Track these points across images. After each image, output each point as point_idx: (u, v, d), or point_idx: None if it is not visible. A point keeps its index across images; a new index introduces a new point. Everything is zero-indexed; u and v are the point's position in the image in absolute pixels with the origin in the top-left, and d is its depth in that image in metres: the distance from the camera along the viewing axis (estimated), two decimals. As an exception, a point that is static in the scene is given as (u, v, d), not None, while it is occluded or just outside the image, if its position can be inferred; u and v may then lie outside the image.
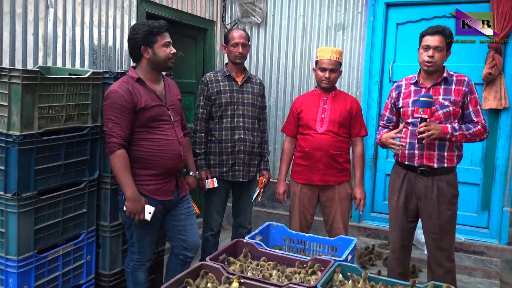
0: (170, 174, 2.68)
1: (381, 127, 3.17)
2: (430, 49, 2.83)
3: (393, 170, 3.12)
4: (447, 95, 2.86)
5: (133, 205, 2.50)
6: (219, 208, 3.38)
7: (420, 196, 2.93)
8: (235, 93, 3.33)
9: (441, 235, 2.92)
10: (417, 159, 2.90)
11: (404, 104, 2.97)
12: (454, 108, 2.84)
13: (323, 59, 3.19)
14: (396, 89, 3.07)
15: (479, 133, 2.85)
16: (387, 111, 3.13)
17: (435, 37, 2.83)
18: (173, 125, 2.68)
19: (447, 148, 2.87)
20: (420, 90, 2.93)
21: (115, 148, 2.47)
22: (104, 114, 2.53)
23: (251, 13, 4.85)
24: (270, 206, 4.91)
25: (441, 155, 2.87)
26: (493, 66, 3.90)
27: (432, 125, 2.72)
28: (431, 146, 2.86)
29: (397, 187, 3.03)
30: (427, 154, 2.87)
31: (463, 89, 2.86)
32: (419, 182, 2.92)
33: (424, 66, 2.88)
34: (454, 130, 2.79)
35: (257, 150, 3.45)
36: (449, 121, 2.85)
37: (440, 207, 2.89)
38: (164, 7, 4.13)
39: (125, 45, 3.70)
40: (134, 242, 2.69)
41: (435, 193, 2.88)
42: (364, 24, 4.47)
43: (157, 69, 2.64)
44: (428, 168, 2.89)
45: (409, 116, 2.93)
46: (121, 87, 2.49)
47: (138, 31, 2.54)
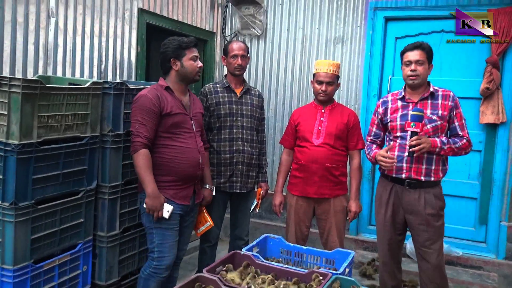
0: (188, 181, 2.81)
1: (369, 142, 3.20)
2: (411, 63, 2.90)
3: (380, 183, 3.15)
4: (434, 110, 2.91)
5: (152, 201, 2.61)
6: (216, 219, 3.36)
7: (408, 209, 2.95)
8: (234, 104, 3.34)
9: (431, 248, 2.92)
10: (405, 172, 2.92)
11: (392, 119, 3.01)
12: (441, 123, 2.89)
13: (320, 72, 3.20)
14: (383, 105, 3.10)
15: (464, 147, 2.91)
16: (374, 126, 3.17)
17: (414, 51, 2.90)
18: (194, 134, 2.83)
19: (435, 162, 2.90)
20: (408, 105, 2.97)
21: (139, 147, 2.60)
22: (132, 116, 2.67)
23: (251, 25, 4.88)
24: (268, 218, 4.90)
25: (429, 169, 2.90)
26: (490, 81, 3.92)
27: (423, 139, 2.77)
28: (420, 160, 2.89)
29: (384, 200, 3.04)
30: (415, 167, 2.90)
31: (449, 103, 2.91)
32: (406, 195, 2.94)
33: (408, 81, 2.93)
34: (442, 144, 2.84)
35: (255, 162, 3.45)
36: (437, 135, 2.89)
37: (428, 220, 2.91)
38: (164, 18, 4.15)
39: (126, 55, 3.72)
40: (154, 246, 2.73)
41: (422, 205, 2.90)
42: (363, 37, 4.50)
43: (185, 81, 2.83)
44: (415, 181, 2.91)
45: (397, 130, 2.96)
46: (150, 92, 2.67)
47: (169, 45, 2.75)
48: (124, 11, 3.69)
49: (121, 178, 2.94)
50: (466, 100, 3.94)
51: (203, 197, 3.05)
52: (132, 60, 3.81)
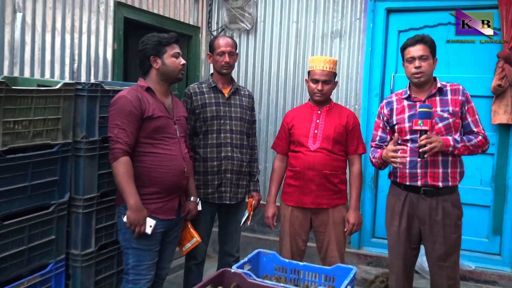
0: (173, 192, 2.80)
1: (374, 147, 3.15)
2: (415, 60, 2.89)
3: (391, 192, 3.13)
4: (444, 106, 2.91)
5: (135, 215, 2.58)
6: (203, 234, 3.35)
7: (424, 220, 2.94)
8: (222, 106, 3.34)
9: (447, 262, 2.92)
10: (420, 178, 2.91)
11: (399, 121, 3.00)
12: (454, 120, 2.89)
13: (315, 69, 3.21)
14: (387, 106, 3.10)
15: (481, 144, 2.90)
16: (378, 130, 3.14)
17: (417, 46, 2.90)
18: (178, 140, 2.84)
19: (451, 165, 2.90)
20: (415, 104, 2.96)
21: (119, 155, 2.58)
22: (110, 120, 2.64)
23: (239, 19, 4.89)
24: (261, 231, 4.89)
25: (446, 173, 2.89)
26: (503, 77, 3.94)
27: (433, 137, 2.75)
28: (435, 163, 2.88)
29: (397, 210, 3.02)
30: (431, 172, 2.89)
31: (459, 98, 2.92)
32: (422, 204, 2.93)
33: (413, 79, 2.93)
34: (456, 142, 2.83)
35: (246, 169, 3.45)
36: (450, 134, 2.89)
37: (446, 231, 2.90)
38: (144, 12, 4.15)
39: (101, 53, 3.72)
40: (129, 268, 2.72)
41: (440, 215, 2.89)
42: (363, 31, 4.52)
43: (167, 80, 2.83)
44: (432, 188, 2.90)
45: (406, 133, 2.96)
46: (130, 94, 2.66)
47: (148, 42, 2.76)
48: (99, 4, 3.68)
49: (96, 190, 2.92)
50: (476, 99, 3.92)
51: (188, 210, 3.05)
52: (108, 59, 3.80)
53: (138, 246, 2.69)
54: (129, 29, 4.31)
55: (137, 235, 2.63)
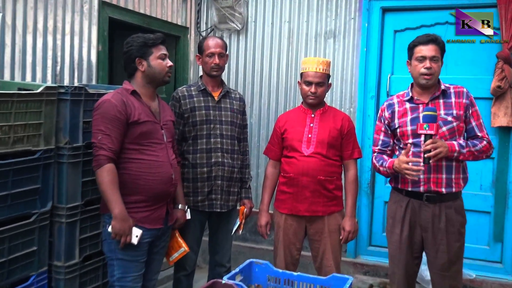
0: (160, 200, 2.80)
1: (377, 153, 3.15)
2: (426, 60, 2.87)
3: (392, 199, 3.13)
4: (448, 110, 2.91)
5: (120, 224, 2.57)
6: (193, 243, 3.34)
7: (426, 227, 2.94)
8: (212, 110, 3.34)
9: (450, 271, 2.92)
10: (423, 184, 2.91)
11: (401, 124, 3.00)
12: (458, 124, 2.90)
13: (308, 71, 3.21)
14: (388, 108, 3.10)
15: (485, 150, 2.91)
16: (380, 134, 3.14)
17: (429, 46, 2.88)
18: (165, 145, 2.83)
19: (455, 170, 2.90)
20: (417, 107, 2.97)
21: (103, 161, 2.57)
22: (94, 125, 2.64)
23: (229, 19, 4.90)
24: (253, 240, 4.88)
25: (449, 178, 2.89)
26: (502, 78, 3.96)
27: (439, 142, 2.75)
28: (439, 169, 2.88)
29: (399, 218, 3.02)
30: (434, 178, 2.89)
31: (463, 101, 2.92)
32: (424, 211, 2.93)
33: (422, 80, 2.91)
34: (461, 147, 2.84)
35: (237, 176, 3.45)
36: (454, 138, 2.90)
37: (449, 239, 2.90)
38: (130, 12, 4.14)
39: (85, 55, 3.70)
40: (114, 280, 2.71)
41: (443, 222, 2.89)
42: (357, 31, 4.54)
43: (153, 83, 2.83)
44: (435, 194, 2.90)
45: (409, 137, 2.95)
46: (114, 97, 2.65)
47: (133, 43, 2.76)
48: (83, 4, 3.67)
49: (80, 198, 2.90)
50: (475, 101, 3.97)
51: (176, 218, 3.04)
52: (92, 61, 3.79)
53: (123, 257, 2.68)
54: (114, 29, 4.30)
55: (122, 245, 2.62)
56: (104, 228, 2.71)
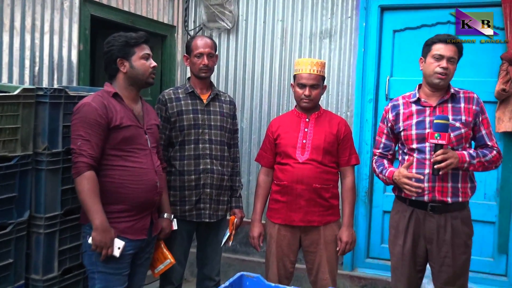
0: (144, 209, 2.78)
1: (378, 156, 3.18)
2: (443, 59, 2.87)
3: (395, 208, 3.13)
4: (457, 115, 2.91)
5: (101, 236, 2.56)
6: (180, 255, 3.33)
7: (431, 239, 2.94)
8: (200, 113, 3.34)
9: (455, 286, 2.92)
10: (427, 193, 2.91)
11: (405, 127, 3.00)
12: (466, 131, 2.90)
13: (302, 73, 3.22)
14: (393, 110, 3.10)
15: (495, 160, 2.93)
16: (382, 136, 3.16)
17: (449, 46, 2.88)
18: (149, 151, 2.82)
19: (461, 179, 2.90)
20: (424, 110, 2.97)
21: (83, 169, 2.55)
22: (73, 130, 2.62)
23: (219, 17, 4.90)
24: (244, 252, 4.87)
25: (455, 187, 2.89)
26: (507, 81, 3.99)
27: (450, 153, 2.75)
28: (444, 177, 2.87)
29: (402, 228, 3.02)
30: (440, 186, 2.89)
31: (473, 107, 2.93)
32: (429, 221, 2.93)
33: (435, 79, 2.90)
34: (471, 158, 2.84)
35: (227, 184, 3.44)
36: (461, 145, 2.90)
37: (455, 251, 2.90)
38: (113, 9, 4.14)
39: (65, 54, 3.69)
40: None
41: (449, 233, 2.89)
42: (355, 30, 4.56)
43: (136, 85, 2.82)
44: (440, 204, 2.90)
45: (413, 141, 2.96)
46: (95, 100, 2.63)
47: (114, 42, 2.74)
48: (63, 1, 3.67)
49: (60, 207, 2.89)
50: (479, 105, 4.02)
51: (161, 228, 3.03)
52: (73, 61, 3.78)
53: (105, 270, 2.66)
54: (96, 28, 4.29)
55: (104, 258, 2.60)
56: (85, 240, 2.69)
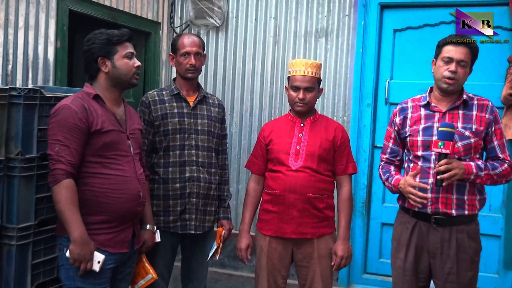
0: (126, 220, 2.77)
1: (384, 162, 3.20)
2: (452, 62, 2.86)
3: (398, 219, 3.14)
4: (467, 123, 2.91)
5: (80, 249, 2.53)
6: (163, 270, 3.33)
7: (435, 253, 2.94)
8: (186, 117, 3.34)
9: None
10: (430, 204, 2.91)
11: (412, 132, 3.01)
12: (476, 140, 2.89)
13: (296, 75, 3.23)
14: (401, 113, 3.12)
15: (506, 174, 2.91)
16: (390, 141, 3.18)
17: (460, 48, 2.88)
18: (132, 158, 2.82)
19: (468, 191, 2.90)
20: (433, 115, 2.98)
21: (61, 177, 2.52)
22: (50, 135, 2.60)
23: (207, 14, 4.91)
24: (232, 267, 4.87)
25: (461, 200, 2.89)
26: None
27: (454, 163, 2.75)
28: (449, 188, 2.87)
29: (404, 241, 3.03)
30: (444, 198, 2.89)
31: (486, 116, 2.92)
32: (433, 235, 2.94)
33: (443, 84, 2.90)
34: (479, 170, 2.83)
35: (214, 193, 3.44)
36: (469, 156, 2.90)
37: (460, 267, 2.90)
38: (93, 4, 4.14)
39: (41, 52, 3.68)
40: None
41: (453, 248, 2.90)
42: (353, 30, 4.58)
43: (118, 86, 2.81)
44: (444, 216, 2.91)
45: (419, 148, 2.96)
46: (74, 103, 2.61)
47: (95, 40, 2.73)
48: (39, -6, 3.67)
49: (33, 217, 2.87)
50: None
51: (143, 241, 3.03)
52: (49, 59, 3.77)
53: (83, 285, 2.64)
54: (75, 24, 4.28)
55: (82, 272, 2.58)
56: (61, 252, 2.67)
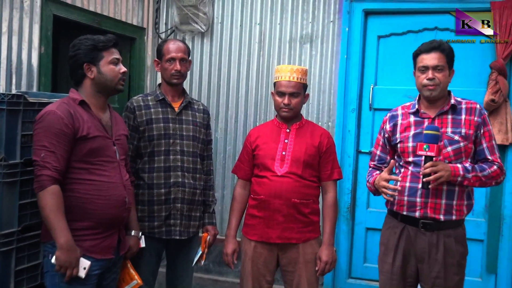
0: (111, 226, 2.77)
1: (372, 168, 3.22)
2: (428, 70, 2.89)
3: (386, 224, 3.15)
4: (456, 127, 2.92)
5: (66, 255, 2.52)
6: (148, 276, 3.31)
7: (422, 258, 2.95)
8: (171, 122, 3.33)
9: None
10: (419, 208, 2.92)
11: (402, 139, 3.02)
12: (465, 144, 2.90)
13: (281, 80, 3.23)
14: (391, 120, 3.13)
15: (495, 175, 2.91)
16: (378, 148, 3.20)
17: (432, 54, 2.90)
18: (118, 164, 2.81)
19: (457, 196, 2.91)
20: (423, 121, 2.99)
21: (47, 183, 2.51)
22: (36, 141, 2.58)
23: (192, 19, 4.90)
24: (217, 272, 4.86)
25: (449, 205, 2.90)
26: (496, 91, 4.05)
27: (440, 165, 2.76)
28: (438, 193, 2.89)
29: (391, 245, 3.03)
30: (432, 203, 2.90)
31: (475, 119, 2.93)
32: (421, 239, 2.94)
33: (425, 92, 2.92)
34: (466, 172, 2.84)
35: (199, 198, 3.43)
36: (460, 160, 2.90)
37: (447, 271, 2.91)
38: (78, 9, 4.11)
39: (24, 57, 3.66)
40: None
41: (441, 252, 2.90)
42: (337, 36, 4.60)
43: (104, 92, 2.81)
44: (432, 221, 2.91)
45: (409, 154, 2.97)
46: (60, 108, 2.60)
47: (80, 46, 2.72)
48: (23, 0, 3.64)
49: (17, 223, 2.85)
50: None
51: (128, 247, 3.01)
52: (33, 64, 3.74)
53: None
54: (60, 29, 4.26)
55: (68, 279, 2.56)
56: (47, 259, 2.65)
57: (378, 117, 4.50)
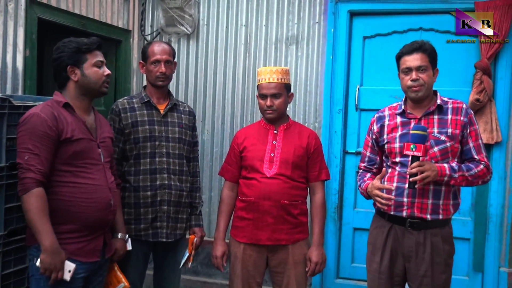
0: (96, 229, 2.75)
1: (362, 170, 3.23)
2: (412, 71, 2.91)
3: (374, 223, 3.16)
4: (443, 128, 2.93)
5: (51, 258, 2.51)
6: (135, 278, 3.29)
7: (409, 256, 2.96)
8: (157, 125, 3.32)
9: None
10: (406, 208, 2.93)
11: (389, 140, 3.03)
12: (452, 144, 2.91)
13: (262, 83, 3.24)
14: (378, 122, 3.14)
15: (482, 175, 2.92)
16: (367, 149, 3.20)
17: (413, 55, 2.91)
18: (102, 166, 2.81)
19: (444, 196, 2.92)
20: (409, 122, 3.00)
21: (31, 186, 2.50)
22: (20, 143, 2.57)
23: (178, 21, 4.90)
24: (205, 274, 4.84)
25: (436, 204, 2.92)
26: (481, 90, 4.08)
27: (426, 165, 2.77)
28: (425, 193, 2.90)
29: (379, 245, 3.05)
30: (419, 202, 2.92)
31: (461, 119, 2.94)
32: (408, 238, 2.96)
33: (410, 93, 2.94)
34: (452, 171, 2.85)
35: (186, 200, 3.43)
36: (447, 160, 2.92)
37: (434, 270, 2.92)
38: (63, 12, 4.09)
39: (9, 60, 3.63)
40: None
41: (428, 251, 2.92)
42: (323, 37, 4.61)
43: (88, 95, 2.80)
44: (419, 220, 2.93)
45: (396, 155, 2.99)
46: (44, 111, 2.60)
47: (64, 49, 2.72)
48: (7, 2, 3.60)
49: (3, 228, 2.84)
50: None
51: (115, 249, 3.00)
52: (18, 67, 3.71)
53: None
54: (45, 32, 4.23)
55: (53, 282, 2.55)
56: (31, 263, 2.63)
57: (364, 117, 4.52)
